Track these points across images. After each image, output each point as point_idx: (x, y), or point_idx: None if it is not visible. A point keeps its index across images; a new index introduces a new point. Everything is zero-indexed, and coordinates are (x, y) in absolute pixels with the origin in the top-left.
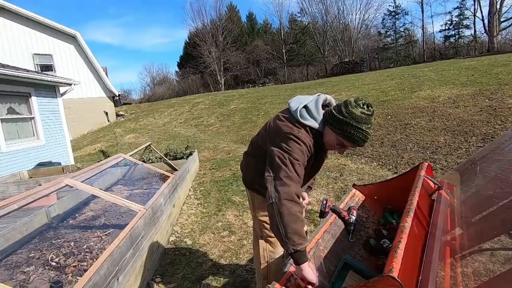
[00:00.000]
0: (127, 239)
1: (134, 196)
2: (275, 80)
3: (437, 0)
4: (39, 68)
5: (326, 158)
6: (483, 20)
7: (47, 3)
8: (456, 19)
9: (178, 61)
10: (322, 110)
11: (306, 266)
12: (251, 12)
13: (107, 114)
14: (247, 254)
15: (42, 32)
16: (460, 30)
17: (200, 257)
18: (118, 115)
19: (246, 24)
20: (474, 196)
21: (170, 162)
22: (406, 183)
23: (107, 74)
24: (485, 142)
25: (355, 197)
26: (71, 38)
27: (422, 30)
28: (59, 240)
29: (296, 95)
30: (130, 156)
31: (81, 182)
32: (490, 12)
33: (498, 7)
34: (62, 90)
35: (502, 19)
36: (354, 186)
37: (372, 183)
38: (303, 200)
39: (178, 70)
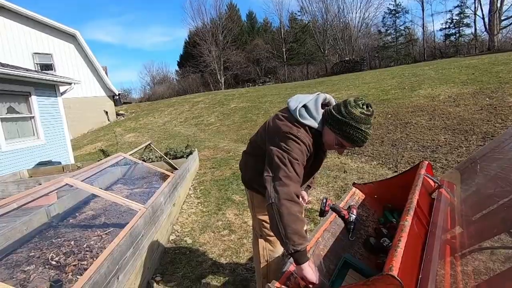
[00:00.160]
0: (127, 238)
1: (134, 195)
2: (275, 79)
3: None
4: (39, 67)
5: (326, 157)
6: (483, 18)
7: (47, 2)
8: (457, 18)
9: (178, 60)
10: (322, 110)
11: (306, 266)
12: (251, 11)
13: (107, 113)
14: (247, 253)
15: (42, 31)
16: (461, 28)
17: (200, 256)
18: (118, 114)
19: (246, 23)
20: (474, 194)
21: (170, 161)
22: (406, 181)
23: (107, 73)
24: (485, 141)
25: (355, 195)
26: (71, 37)
27: (423, 28)
28: (59, 239)
29: (296, 94)
30: (130, 155)
31: (81, 181)
32: (490, 11)
33: (499, 5)
34: (62, 89)
35: (503, 18)
36: (354, 184)
37: (372, 182)
38: (302, 200)
39: (178, 69)
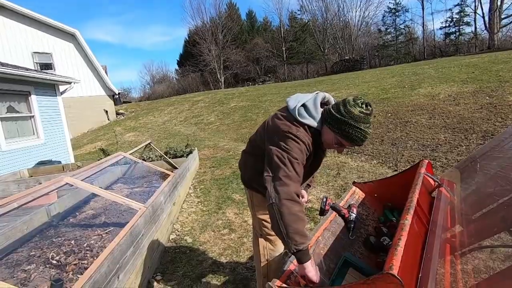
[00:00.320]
0: (127, 237)
1: (134, 194)
2: (275, 78)
3: None
4: (39, 67)
5: (325, 156)
6: (483, 17)
7: (47, 1)
8: (457, 16)
9: (178, 59)
10: (321, 109)
11: (308, 265)
12: (251, 9)
13: (107, 112)
14: (247, 252)
15: (41, 30)
16: (461, 27)
17: (201, 255)
18: (118, 114)
19: (246, 22)
20: (474, 193)
21: (170, 161)
22: (406, 180)
23: (106, 73)
24: (485, 140)
25: (355, 194)
26: (71, 37)
27: (423, 27)
28: (60, 239)
29: (296, 93)
30: (130, 154)
31: (81, 181)
32: (490, 9)
33: (499, 4)
34: (62, 88)
35: (503, 16)
36: (354, 183)
37: (372, 181)
38: (302, 199)
39: (178, 68)
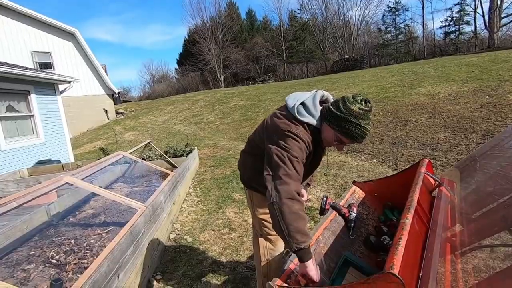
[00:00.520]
0: (127, 237)
1: (134, 193)
2: (275, 77)
3: None
4: (38, 66)
5: (325, 155)
6: (483, 16)
7: (46, 0)
8: (457, 15)
9: (178, 58)
10: (320, 107)
11: (310, 264)
12: (251, 9)
13: (106, 111)
14: (247, 251)
15: (40, 29)
16: (461, 26)
17: (201, 254)
18: (117, 113)
19: (246, 21)
20: (474, 192)
21: (170, 160)
22: (406, 179)
23: (106, 72)
24: (485, 139)
25: (355, 194)
26: (70, 36)
27: (423, 26)
28: (59, 238)
29: (296, 92)
30: (130, 153)
31: (81, 180)
32: (490, 8)
33: (499, 3)
34: (61, 87)
35: (503, 15)
36: (354, 183)
37: (372, 180)
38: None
39: (177, 67)
